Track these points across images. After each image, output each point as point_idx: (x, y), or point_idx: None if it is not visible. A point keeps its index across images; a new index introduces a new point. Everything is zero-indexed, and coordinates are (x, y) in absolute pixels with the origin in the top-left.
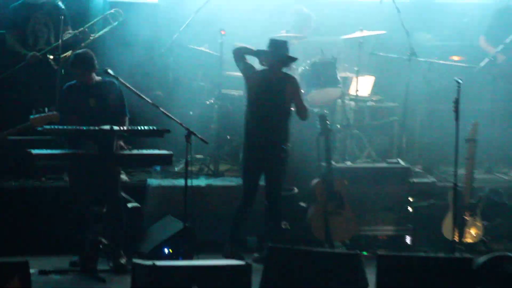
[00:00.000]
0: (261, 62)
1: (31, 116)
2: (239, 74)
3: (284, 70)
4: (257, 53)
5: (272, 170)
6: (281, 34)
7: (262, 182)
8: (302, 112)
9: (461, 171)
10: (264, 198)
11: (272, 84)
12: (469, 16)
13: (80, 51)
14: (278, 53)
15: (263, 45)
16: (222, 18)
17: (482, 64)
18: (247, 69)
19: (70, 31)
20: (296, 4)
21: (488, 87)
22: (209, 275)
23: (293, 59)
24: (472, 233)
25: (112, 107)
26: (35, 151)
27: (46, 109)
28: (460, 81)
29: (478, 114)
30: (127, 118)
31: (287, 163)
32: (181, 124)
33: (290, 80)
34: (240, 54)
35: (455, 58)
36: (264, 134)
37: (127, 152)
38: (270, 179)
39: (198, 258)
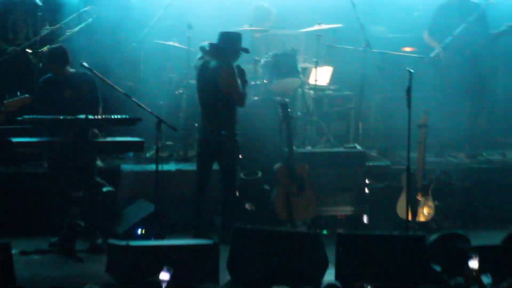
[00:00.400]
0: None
1: (5, 101)
2: None
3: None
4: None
5: (220, 158)
6: (244, 28)
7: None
8: (237, 100)
9: (414, 155)
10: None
11: (209, 74)
12: (420, 10)
13: (55, 46)
14: (232, 46)
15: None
16: (189, 13)
17: (432, 54)
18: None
19: (48, 27)
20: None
21: (438, 76)
22: (180, 254)
23: (247, 51)
24: (425, 213)
25: (86, 98)
26: (14, 139)
27: (18, 93)
28: (411, 70)
29: (429, 101)
30: (100, 108)
31: (235, 150)
32: (151, 113)
33: (223, 68)
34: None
35: (407, 49)
36: (207, 123)
37: (101, 139)
38: (220, 166)
39: (169, 238)
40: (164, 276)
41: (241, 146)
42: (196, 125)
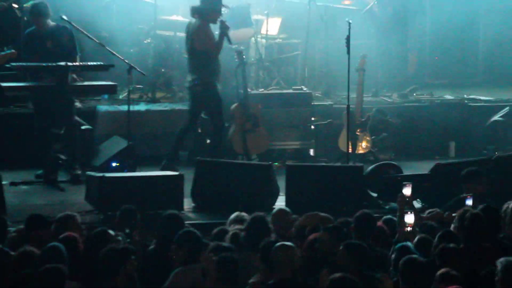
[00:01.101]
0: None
1: None
2: (171, 18)
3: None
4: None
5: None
6: None
7: None
8: (211, 52)
9: (353, 95)
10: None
11: (188, 30)
12: None
13: (36, 1)
14: (211, 5)
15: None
16: None
17: (367, 8)
18: None
19: None
20: None
21: (373, 25)
22: (149, 183)
23: (226, 6)
24: (363, 146)
25: (66, 47)
26: (4, 84)
27: (5, 48)
28: (350, 21)
29: (365, 48)
30: (78, 56)
31: (197, 96)
32: (123, 60)
33: (194, 24)
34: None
35: (347, 2)
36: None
37: (79, 83)
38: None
39: (140, 170)
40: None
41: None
42: (162, 70)
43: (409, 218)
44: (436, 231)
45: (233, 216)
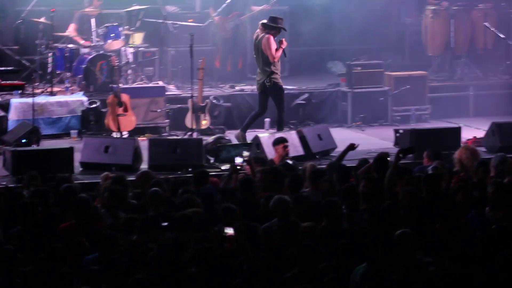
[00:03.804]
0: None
1: None
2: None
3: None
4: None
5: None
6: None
7: None
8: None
9: (196, 87)
10: None
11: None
12: None
13: None
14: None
15: None
16: None
17: (205, 23)
18: None
19: None
20: None
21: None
22: (48, 154)
23: (284, 29)
24: (203, 123)
25: None
26: None
27: None
28: (193, 34)
29: (206, 52)
30: None
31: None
32: (29, 66)
33: (265, 38)
34: None
35: (190, 20)
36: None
37: None
38: None
39: (42, 146)
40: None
41: None
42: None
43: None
44: None
45: (103, 174)
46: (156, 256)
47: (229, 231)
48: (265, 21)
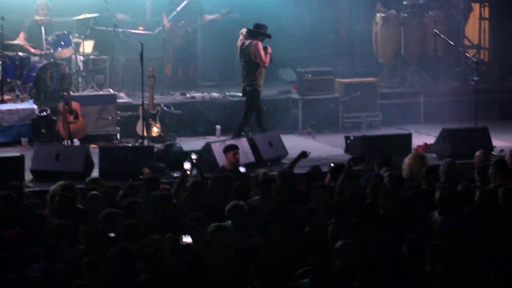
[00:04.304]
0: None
1: None
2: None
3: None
4: None
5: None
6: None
7: None
8: (260, 64)
9: (146, 94)
10: None
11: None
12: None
13: None
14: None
15: None
16: None
17: (156, 31)
18: None
19: None
20: None
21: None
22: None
23: (269, 36)
24: (154, 131)
25: None
26: None
27: None
28: (143, 42)
29: (155, 60)
30: None
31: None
32: None
33: (253, 45)
34: None
35: (141, 28)
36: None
37: None
38: None
39: None
40: (187, 165)
41: None
42: None
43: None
44: None
45: (56, 184)
46: (107, 266)
47: (187, 239)
48: (249, 28)
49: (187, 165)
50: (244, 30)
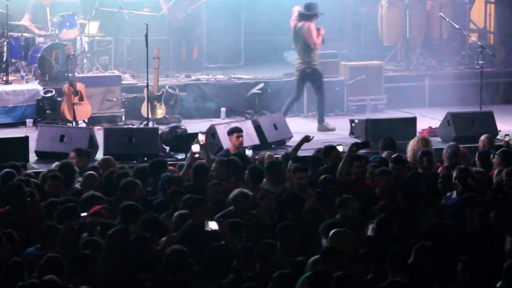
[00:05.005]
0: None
1: None
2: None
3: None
4: None
5: None
6: None
7: None
8: (311, 45)
9: (151, 76)
10: None
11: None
12: None
13: None
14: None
15: None
16: None
17: (161, 12)
18: None
19: None
20: None
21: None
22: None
23: (320, 14)
24: (159, 113)
25: None
26: None
27: None
28: (147, 23)
29: (158, 42)
30: None
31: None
32: None
33: (305, 26)
34: None
35: (146, 9)
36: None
37: None
38: None
39: None
40: (195, 148)
41: None
42: None
43: None
44: None
45: (54, 164)
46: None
47: (213, 226)
48: (300, 12)
49: (195, 148)
50: (296, 9)
